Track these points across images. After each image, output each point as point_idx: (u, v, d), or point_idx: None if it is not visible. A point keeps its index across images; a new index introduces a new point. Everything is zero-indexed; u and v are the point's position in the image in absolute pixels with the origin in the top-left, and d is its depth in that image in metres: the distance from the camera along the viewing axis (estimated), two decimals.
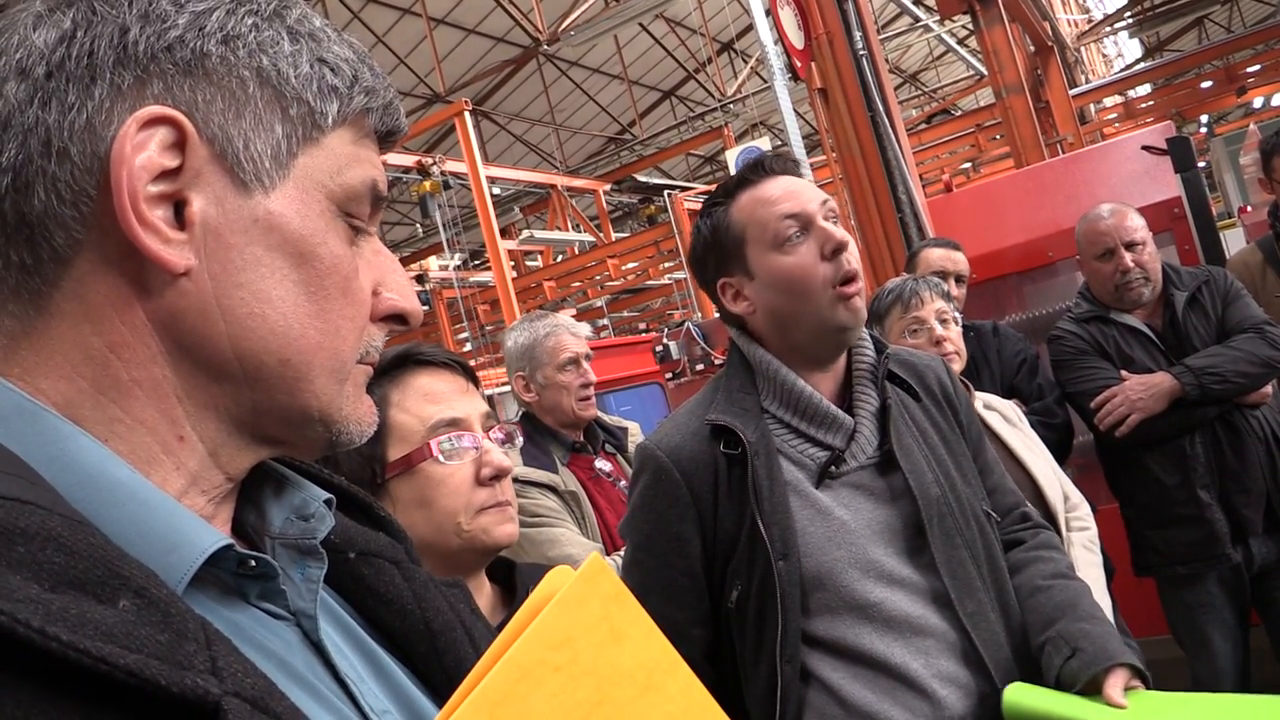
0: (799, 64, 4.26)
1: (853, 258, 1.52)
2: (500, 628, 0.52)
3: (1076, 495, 2.45)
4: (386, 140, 0.65)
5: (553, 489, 2.46)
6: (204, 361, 0.55)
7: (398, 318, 0.64)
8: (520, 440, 1.37)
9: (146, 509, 0.52)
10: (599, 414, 2.79)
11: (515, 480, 1.72)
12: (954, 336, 2.47)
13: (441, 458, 1.26)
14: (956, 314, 2.56)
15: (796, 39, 4.25)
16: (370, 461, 1.25)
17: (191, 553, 0.52)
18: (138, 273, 0.54)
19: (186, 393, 0.56)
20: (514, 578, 1.37)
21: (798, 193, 1.55)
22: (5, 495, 0.44)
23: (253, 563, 0.56)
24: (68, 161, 0.52)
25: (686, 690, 0.54)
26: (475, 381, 1.37)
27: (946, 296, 2.54)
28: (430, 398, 1.29)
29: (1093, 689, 1.35)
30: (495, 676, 0.46)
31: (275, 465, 0.65)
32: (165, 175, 0.53)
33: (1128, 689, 1.34)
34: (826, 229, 1.52)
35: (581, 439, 2.69)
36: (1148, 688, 1.36)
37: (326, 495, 0.65)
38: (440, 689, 0.66)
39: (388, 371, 1.29)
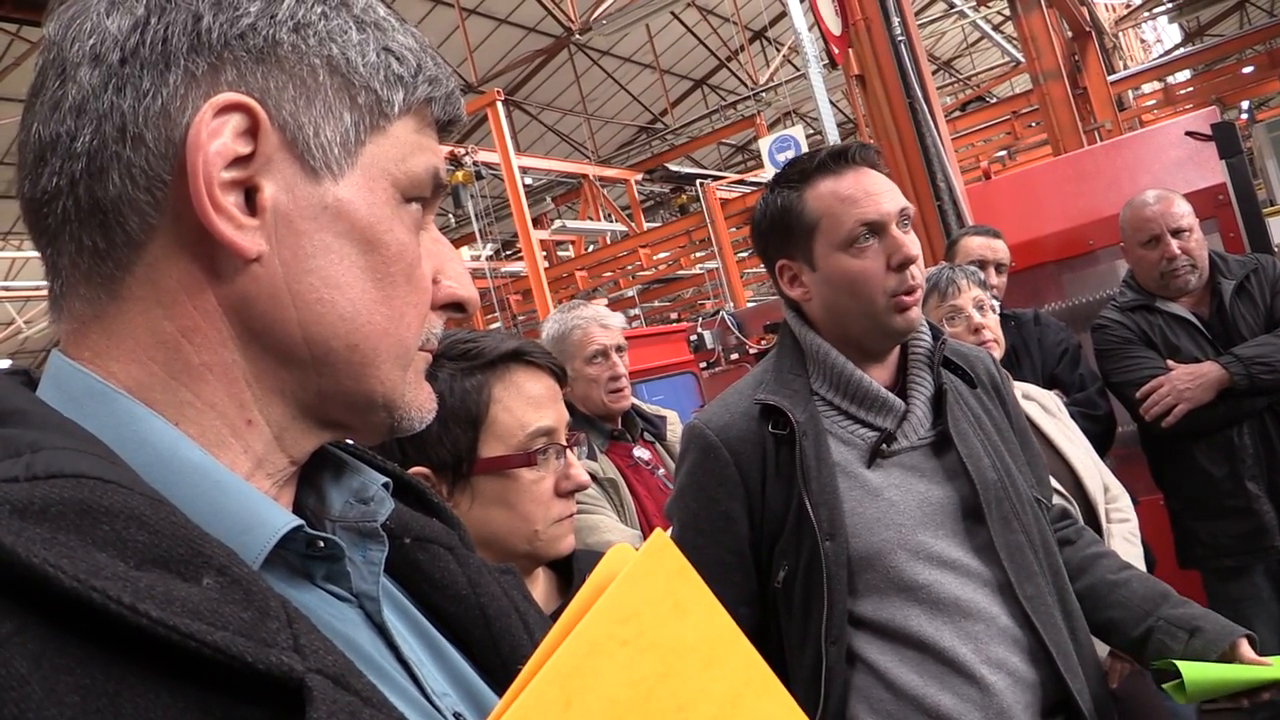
0: (836, 50, 4.23)
1: (918, 271, 1.51)
2: (556, 614, 0.53)
3: (1117, 486, 2.42)
4: (445, 129, 0.65)
5: (591, 476, 2.46)
6: (273, 346, 0.56)
7: (456, 305, 0.64)
8: (585, 449, 1.38)
9: (219, 490, 0.52)
10: (636, 402, 2.79)
11: None
12: (992, 324, 2.44)
13: (536, 467, 1.27)
14: (994, 302, 2.53)
15: (834, 25, 4.22)
16: (461, 451, 1.26)
17: (265, 533, 0.52)
18: (210, 258, 0.54)
19: (255, 377, 0.56)
20: (570, 564, 1.38)
21: (877, 196, 1.51)
22: (89, 474, 0.44)
23: (321, 544, 0.56)
24: (143, 147, 0.52)
25: (748, 664, 0.55)
26: (564, 386, 1.38)
27: (983, 284, 2.50)
28: (533, 403, 1.29)
29: (1220, 662, 1.51)
30: (566, 649, 0.46)
31: (334, 449, 0.65)
32: (238, 162, 0.54)
33: None
34: (898, 239, 1.50)
35: (620, 427, 2.70)
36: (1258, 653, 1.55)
37: (384, 479, 0.66)
38: (496, 674, 0.66)
39: (495, 365, 1.28)
